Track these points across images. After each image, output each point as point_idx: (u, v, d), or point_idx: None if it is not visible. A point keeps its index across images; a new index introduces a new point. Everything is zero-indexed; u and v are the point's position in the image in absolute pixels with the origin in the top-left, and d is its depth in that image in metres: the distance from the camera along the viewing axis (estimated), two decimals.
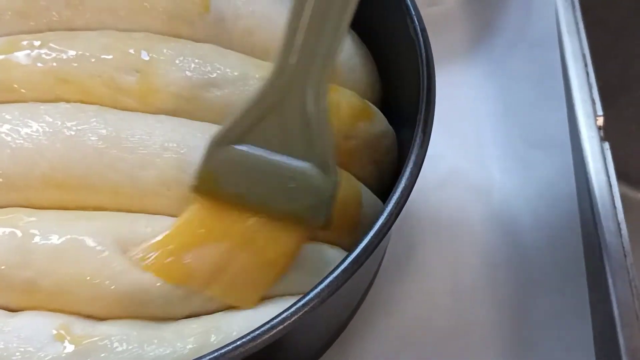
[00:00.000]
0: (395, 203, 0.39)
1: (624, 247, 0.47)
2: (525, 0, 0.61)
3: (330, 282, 0.37)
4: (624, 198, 0.53)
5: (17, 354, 0.38)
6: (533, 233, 0.53)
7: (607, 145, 0.51)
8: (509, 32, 0.61)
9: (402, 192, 0.39)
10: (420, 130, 0.41)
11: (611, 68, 0.76)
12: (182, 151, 0.42)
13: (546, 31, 0.57)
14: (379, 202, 0.48)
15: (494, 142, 0.58)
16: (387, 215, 0.39)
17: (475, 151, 0.58)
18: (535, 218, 0.53)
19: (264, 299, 0.42)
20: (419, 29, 0.45)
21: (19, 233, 0.40)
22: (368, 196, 0.47)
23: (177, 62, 0.45)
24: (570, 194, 0.51)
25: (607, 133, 0.53)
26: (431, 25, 0.49)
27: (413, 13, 0.46)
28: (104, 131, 0.42)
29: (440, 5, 0.60)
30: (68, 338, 0.38)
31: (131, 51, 0.45)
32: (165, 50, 0.45)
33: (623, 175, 0.70)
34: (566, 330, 0.49)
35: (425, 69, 0.43)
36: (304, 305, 0.36)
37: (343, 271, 0.37)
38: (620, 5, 0.73)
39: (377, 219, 0.39)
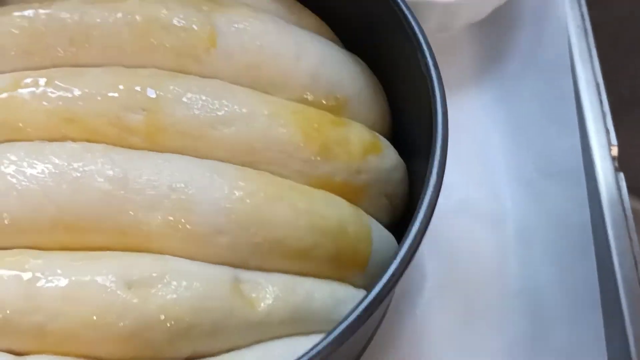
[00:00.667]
0: (408, 248, 0.38)
1: None
2: (536, 25, 0.59)
3: (345, 328, 0.36)
4: (636, 213, 0.53)
5: None
6: (547, 264, 0.52)
7: (621, 176, 0.50)
8: (519, 57, 0.60)
9: (415, 236, 0.39)
10: (434, 173, 0.40)
11: (623, 81, 0.75)
12: (190, 192, 0.42)
13: (558, 56, 0.56)
14: (390, 237, 0.48)
15: (505, 170, 0.57)
16: (400, 260, 0.38)
17: (486, 179, 0.57)
18: (548, 248, 0.52)
19: (277, 338, 0.42)
20: (430, 65, 0.44)
21: (24, 276, 0.39)
22: (379, 231, 0.47)
23: (184, 99, 0.45)
24: (584, 225, 0.50)
25: (621, 150, 0.52)
26: (440, 50, 0.48)
27: (424, 48, 0.45)
28: (111, 172, 0.42)
29: (449, 31, 0.60)
30: None
31: (137, 89, 0.45)
32: (172, 87, 0.45)
33: (636, 191, 0.69)
34: None
35: (438, 108, 0.42)
36: (316, 355, 0.35)
37: (357, 318, 0.37)
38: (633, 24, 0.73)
39: (391, 262, 0.38)
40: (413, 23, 0.47)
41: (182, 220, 0.41)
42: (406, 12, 0.48)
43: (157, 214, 0.41)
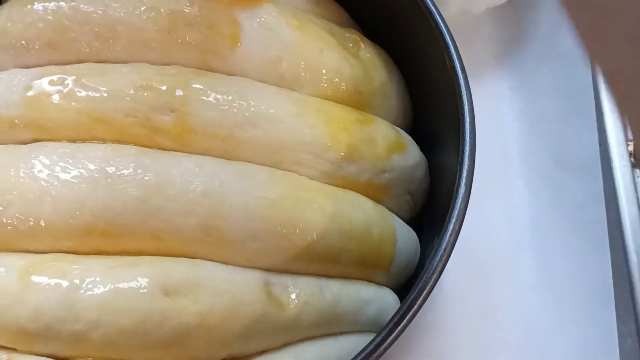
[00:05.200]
0: (438, 261, 0.39)
1: None
2: (556, 14, 0.59)
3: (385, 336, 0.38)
4: None
5: None
6: (561, 258, 0.53)
7: (638, 172, 0.51)
8: (539, 44, 0.59)
9: (443, 253, 0.40)
10: (463, 183, 0.41)
11: None
12: (221, 198, 0.42)
13: (577, 46, 0.56)
14: (413, 234, 0.49)
15: (522, 160, 0.57)
16: (434, 274, 0.39)
17: (502, 170, 0.57)
18: (563, 242, 0.53)
19: (306, 340, 0.43)
20: (458, 68, 0.45)
21: (64, 283, 0.40)
22: (402, 230, 0.48)
23: (211, 99, 0.45)
24: (599, 220, 0.51)
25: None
26: (460, 34, 0.48)
27: (452, 51, 0.45)
28: (143, 178, 0.42)
29: (470, 14, 0.59)
30: None
31: (164, 88, 0.45)
32: (199, 87, 0.45)
33: None
34: None
35: (467, 115, 0.43)
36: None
37: (400, 321, 0.38)
38: None
39: (424, 274, 0.39)
40: (439, 21, 0.47)
41: (215, 225, 0.42)
42: (430, 5, 0.47)
43: (191, 219, 0.42)
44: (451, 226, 0.40)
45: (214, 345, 0.41)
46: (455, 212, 0.40)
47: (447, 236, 0.40)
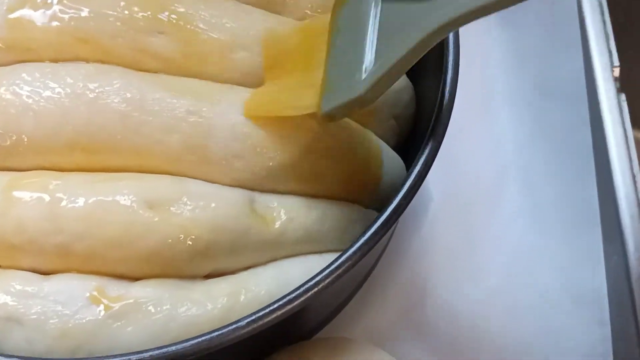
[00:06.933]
0: (422, 165, 0.40)
1: (639, 200, 0.48)
2: None
3: (360, 245, 0.38)
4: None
5: (55, 317, 0.39)
6: (547, 182, 0.53)
7: (623, 97, 0.51)
8: None
9: (426, 157, 0.40)
10: (447, 91, 0.41)
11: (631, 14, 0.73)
12: (207, 116, 0.42)
13: None
14: (398, 158, 0.49)
15: (506, 90, 0.57)
16: (413, 179, 0.39)
17: (486, 100, 0.57)
18: (549, 169, 0.54)
19: (292, 256, 0.43)
20: None
21: (46, 197, 0.40)
22: (387, 153, 0.47)
23: (198, 22, 0.44)
24: (585, 146, 0.52)
25: (623, 81, 0.53)
26: None
27: None
28: (127, 94, 0.42)
29: None
30: (103, 300, 0.39)
31: (150, 13, 0.44)
32: (184, 10, 0.45)
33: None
34: (579, 281, 0.50)
35: (452, 47, 0.43)
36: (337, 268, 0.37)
37: (374, 234, 0.39)
38: None
39: (404, 182, 0.40)
40: None
41: (199, 144, 0.42)
42: None
43: (175, 136, 0.41)
44: (438, 129, 0.40)
45: (197, 259, 0.41)
46: (441, 117, 0.41)
47: (431, 142, 0.40)
